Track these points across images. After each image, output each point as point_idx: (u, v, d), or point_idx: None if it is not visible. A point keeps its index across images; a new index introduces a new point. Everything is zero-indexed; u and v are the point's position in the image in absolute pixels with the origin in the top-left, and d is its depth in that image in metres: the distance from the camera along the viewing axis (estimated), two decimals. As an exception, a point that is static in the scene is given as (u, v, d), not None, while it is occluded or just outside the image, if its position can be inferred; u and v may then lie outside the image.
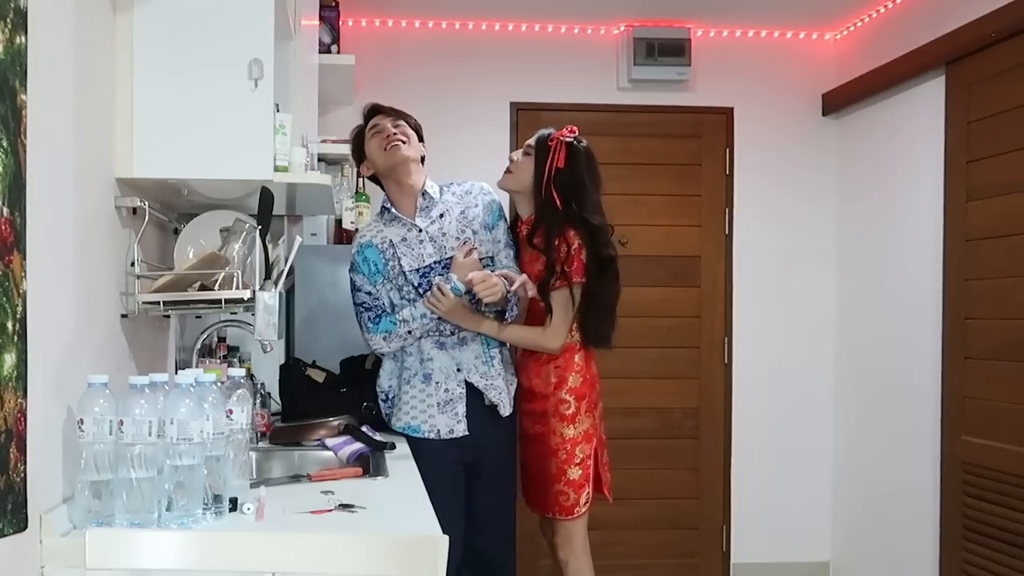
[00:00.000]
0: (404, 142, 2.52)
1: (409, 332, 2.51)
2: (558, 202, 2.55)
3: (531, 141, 2.67)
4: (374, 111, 2.60)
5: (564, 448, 2.61)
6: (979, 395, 3.16)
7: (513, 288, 2.47)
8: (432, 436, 2.52)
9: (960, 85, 3.28)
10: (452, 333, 2.53)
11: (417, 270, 2.53)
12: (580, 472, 2.61)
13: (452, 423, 2.52)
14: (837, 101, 4.06)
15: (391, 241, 2.55)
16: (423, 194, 2.56)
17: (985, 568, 3.10)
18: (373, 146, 2.56)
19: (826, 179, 4.17)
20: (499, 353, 2.61)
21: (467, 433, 2.52)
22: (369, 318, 2.55)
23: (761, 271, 4.14)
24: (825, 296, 4.17)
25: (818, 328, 4.16)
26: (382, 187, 2.65)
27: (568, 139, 2.61)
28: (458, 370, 2.53)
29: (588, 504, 2.64)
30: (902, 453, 3.59)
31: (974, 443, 3.17)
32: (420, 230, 2.54)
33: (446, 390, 2.52)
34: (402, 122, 2.57)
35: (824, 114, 4.16)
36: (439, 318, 2.49)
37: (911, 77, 3.54)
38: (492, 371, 2.57)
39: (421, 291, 2.51)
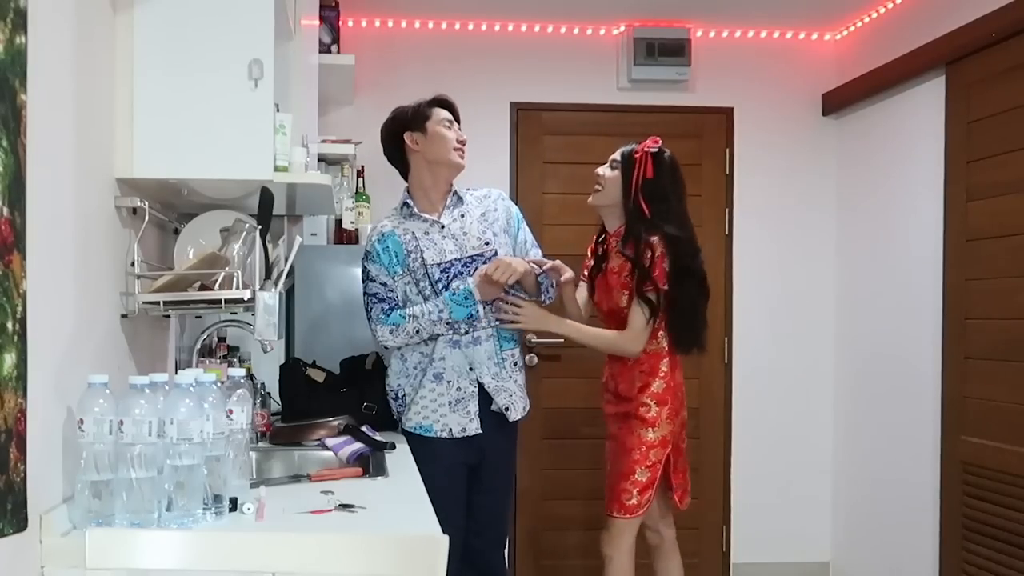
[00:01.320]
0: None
1: (417, 331, 2.51)
2: (646, 211, 2.64)
3: (616, 156, 2.74)
4: (451, 108, 2.66)
5: (639, 449, 2.68)
6: (979, 395, 3.16)
7: (544, 270, 2.60)
8: (444, 435, 2.53)
9: (960, 85, 3.28)
10: (466, 332, 2.54)
11: (438, 264, 2.55)
12: (648, 475, 2.68)
13: (464, 422, 2.54)
14: (837, 101, 4.06)
15: (414, 233, 2.57)
16: (454, 193, 2.63)
17: (985, 568, 3.10)
18: (445, 138, 2.58)
19: (826, 179, 4.17)
20: (511, 355, 2.62)
21: (480, 432, 2.55)
22: (382, 309, 2.56)
23: (761, 271, 4.14)
24: (825, 296, 4.17)
25: (818, 328, 4.16)
26: (402, 172, 2.67)
27: (653, 150, 2.68)
28: (470, 369, 2.55)
29: (646, 507, 2.70)
30: (902, 453, 3.59)
31: (974, 443, 3.17)
32: (443, 226, 2.58)
33: (458, 388, 2.54)
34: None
35: (824, 114, 4.16)
36: (450, 324, 2.51)
37: (911, 77, 3.54)
38: (503, 372, 2.58)
39: (439, 287, 2.54)
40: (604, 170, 2.76)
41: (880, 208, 3.81)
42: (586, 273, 2.90)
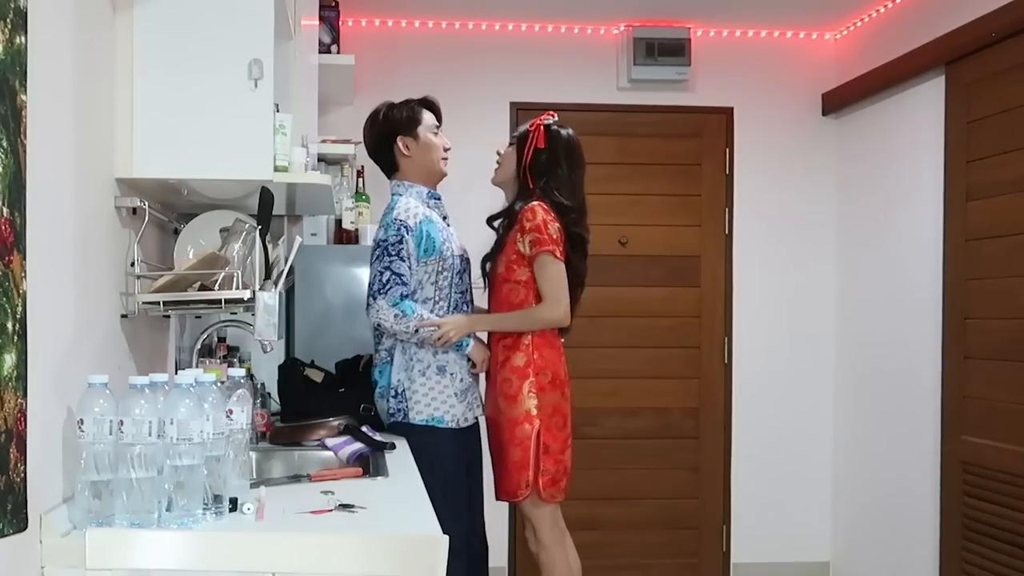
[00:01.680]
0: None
1: (416, 331, 2.51)
2: (530, 182, 2.62)
3: (516, 132, 2.75)
4: (438, 114, 2.70)
5: (507, 428, 2.59)
6: (979, 395, 3.16)
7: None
8: (454, 425, 2.59)
9: (960, 85, 3.28)
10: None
11: (460, 256, 2.66)
12: (520, 453, 2.57)
13: (467, 411, 2.63)
14: (837, 101, 4.06)
15: (442, 221, 2.65)
16: (439, 197, 2.71)
17: (985, 568, 3.10)
18: (435, 146, 2.65)
19: (826, 179, 4.17)
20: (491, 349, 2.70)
21: (476, 420, 2.66)
22: (400, 292, 2.49)
23: (761, 271, 4.14)
24: (825, 296, 4.17)
25: (818, 328, 4.16)
26: (386, 169, 2.71)
27: (547, 122, 2.68)
28: (467, 360, 2.64)
29: (530, 488, 2.57)
30: (902, 453, 3.59)
31: (974, 443, 3.17)
32: (448, 222, 2.70)
33: (461, 380, 2.61)
34: None
35: (824, 114, 4.16)
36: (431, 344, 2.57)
37: (911, 77, 3.54)
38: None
39: (459, 278, 2.65)
40: (502, 146, 2.77)
41: (880, 208, 3.81)
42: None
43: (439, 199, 2.69)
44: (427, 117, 2.66)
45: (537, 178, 2.63)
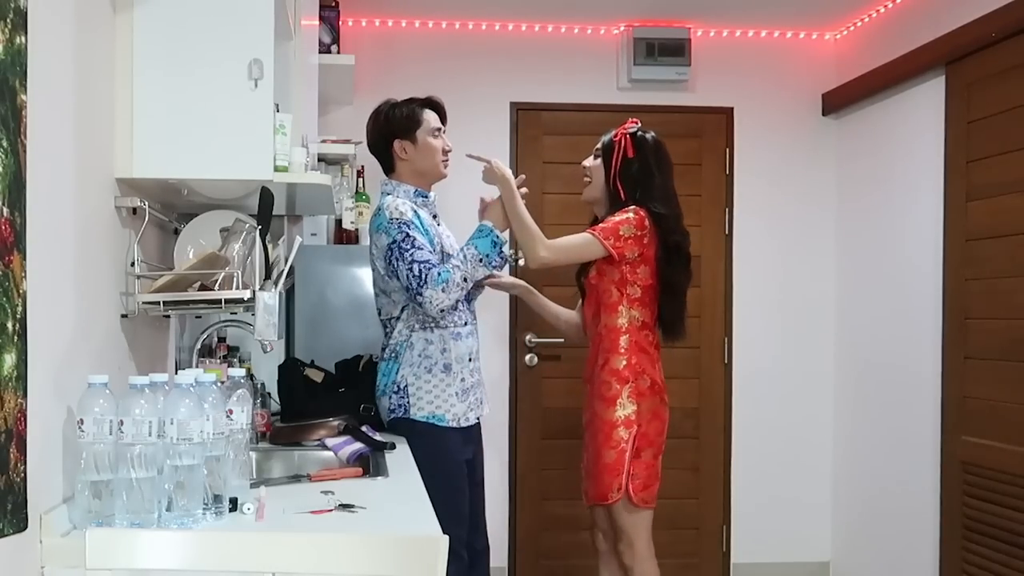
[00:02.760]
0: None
1: (464, 277, 2.48)
2: (622, 194, 2.61)
3: (598, 144, 2.73)
4: (441, 114, 2.67)
5: (602, 431, 2.59)
6: (979, 395, 3.16)
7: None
8: (454, 424, 2.57)
9: (960, 85, 3.28)
10: (465, 324, 2.61)
11: (451, 254, 2.61)
12: (614, 456, 2.57)
13: (467, 410, 2.61)
14: (837, 101, 4.06)
15: (431, 220, 2.64)
16: (427, 195, 2.68)
17: (985, 568, 3.10)
18: (434, 149, 2.62)
19: (826, 179, 4.17)
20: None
21: (477, 421, 2.65)
22: (436, 272, 2.45)
23: (761, 271, 4.14)
24: (825, 296, 4.17)
25: (818, 328, 4.16)
26: (385, 167, 2.70)
27: (631, 130, 2.66)
28: (470, 359, 2.62)
29: (621, 492, 2.57)
30: (902, 453, 3.59)
31: (974, 443, 3.17)
32: (438, 220, 2.70)
33: (462, 379, 2.59)
34: None
35: (824, 114, 4.16)
36: (483, 260, 2.51)
37: (911, 77, 3.54)
38: (479, 368, 2.68)
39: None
40: (589, 161, 2.76)
41: (880, 208, 3.81)
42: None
43: (427, 196, 2.66)
44: (428, 118, 2.63)
45: (630, 190, 2.62)
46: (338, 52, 3.55)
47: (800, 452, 4.16)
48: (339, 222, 3.47)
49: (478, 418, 2.67)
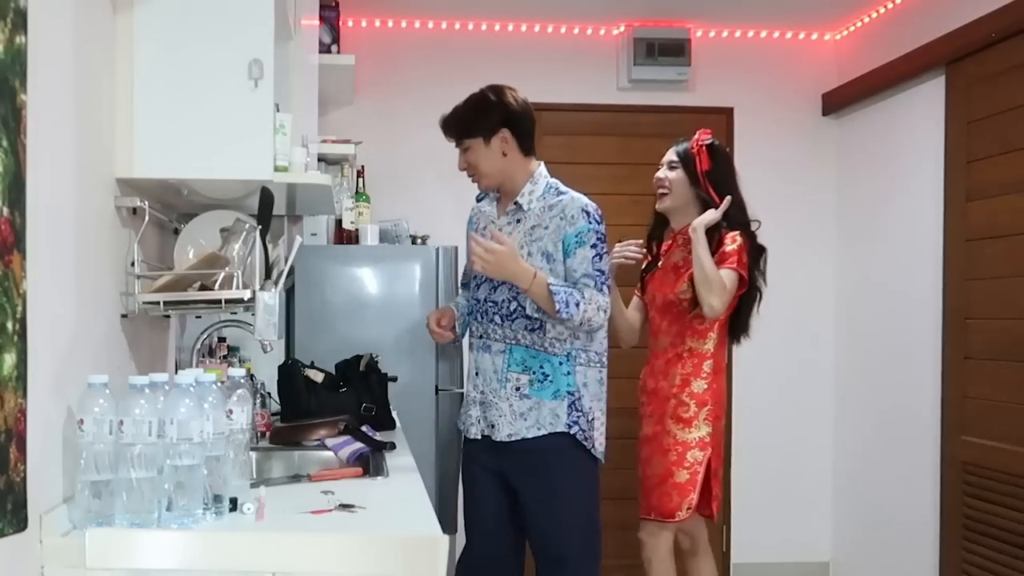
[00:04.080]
0: (471, 177, 2.53)
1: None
2: (716, 198, 2.67)
3: (672, 156, 2.77)
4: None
5: (675, 450, 2.67)
6: (979, 395, 3.16)
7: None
8: (466, 435, 2.59)
9: (960, 85, 3.28)
10: (480, 337, 2.53)
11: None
12: (687, 476, 2.64)
13: (461, 423, 2.61)
14: (837, 101, 4.06)
15: (481, 220, 2.58)
16: (515, 203, 2.50)
17: (985, 568, 3.10)
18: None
19: (826, 179, 4.17)
20: (515, 379, 2.46)
21: (478, 437, 2.52)
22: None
23: (761, 271, 4.14)
24: (825, 296, 4.17)
25: (818, 328, 4.16)
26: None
27: (707, 141, 2.73)
28: (476, 374, 2.55)
29: (690, 511, 2.66)
30: (902, 453, 3.59)
31: (974, 443, 3.17)
32: (480, 227, 2.56)
33: (481, 392, 2.52)
34: None
35: (824, 114, 4.16)
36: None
37: (911, 77, 3.54)
38: (503, 391, 2.46)
39: (468, 287, 2.65)
40: (664, 173, 2.79)
41: (880, 208, 3.81)
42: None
43: (489, 213, 2.58)
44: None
45: (721, 192, 2.68)
46: (338, 52, 3.55)
47: (800, 452, 4.16)
48: (339, 222, 3.47)
49: (479, 434, 2.51)
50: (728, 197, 2.65)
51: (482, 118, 2.45)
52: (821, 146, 4.17)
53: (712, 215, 2.63)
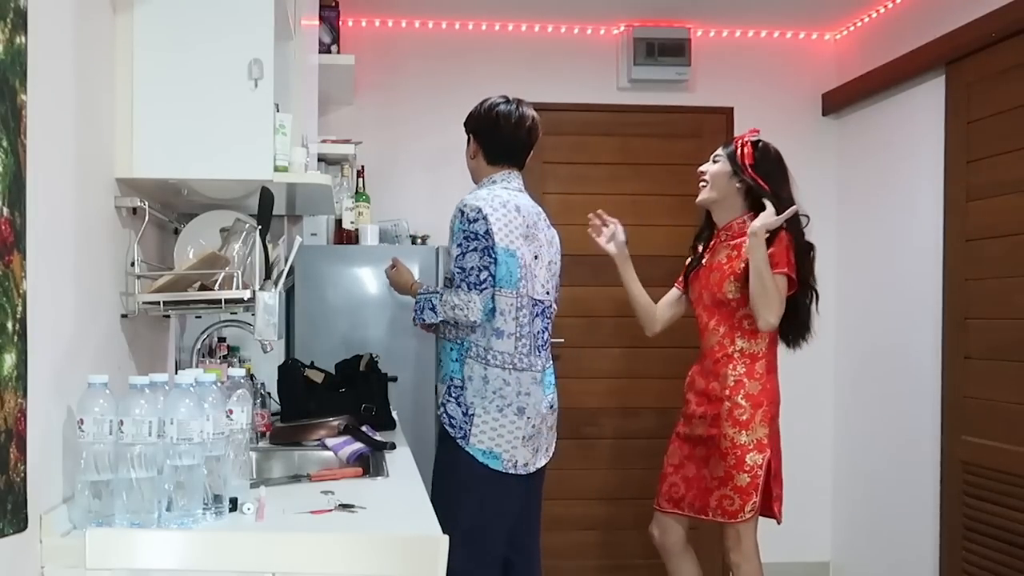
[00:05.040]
0: None
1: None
2: (763, 184, 2.65)
3: (718, 151, 2.79)
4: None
5: (734, 453, 2.64)
6: (979, 395, 3.16)
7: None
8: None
9: (960, 85, 3.28)
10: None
11: None
12: (748, 479, 2.63)
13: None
14: (837, 101, 4.06)
15: None
16: None
17: (985, 568, 3.10)
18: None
19: (826, 179, 4.17)
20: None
21: (540, 465, 2.62)
22: None
23: (761, 271, 4.14)
24: (825, 295, 4.13)
25: (818, 327, 4.15)
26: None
27: (752, 139, 2.73)
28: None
29: (754, 512, 2.65)
30: (902, 453, 3.59)
31: (974, 443, 3.17)
32: None
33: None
34: None
35: (824, 114, 4.16)
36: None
37: (911, 77, 3.54)
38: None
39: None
40: (707, 166, 2.80)
41: (880, 208, 3.81)
42: (680, 279, 2.94)
43: None
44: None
45: (768, 181, 2.66)
46: (338, 52, 3.55)
47: (800, 451, 4.15)
48: (339, 222, 3.47)
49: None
50: (794, 207, 2.60)
51: (468, 120, 2.69)
52: (821, 146, 4.17)
53: (772, 218, 2.56)
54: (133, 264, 1.94)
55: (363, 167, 3.63)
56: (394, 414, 2.86)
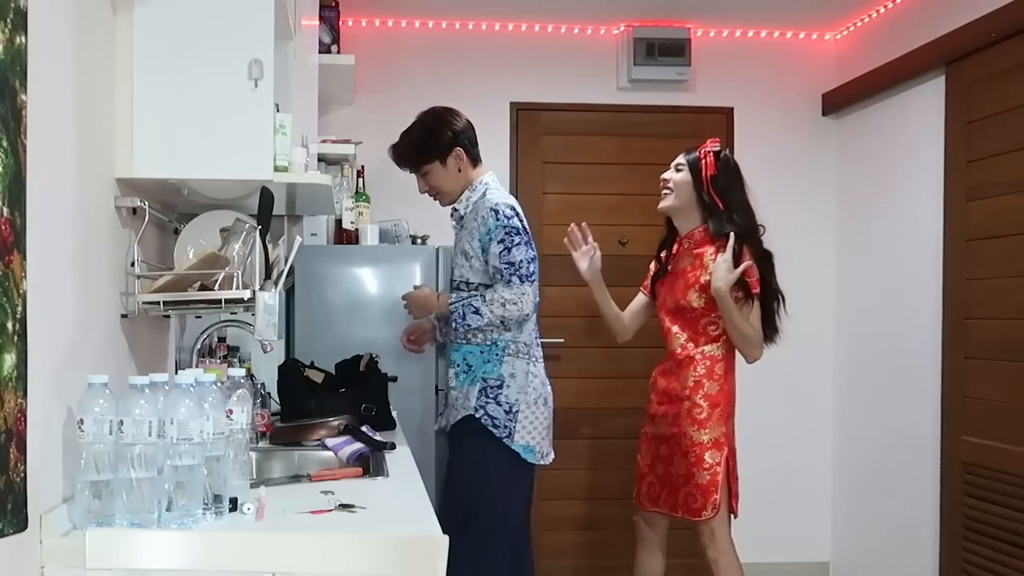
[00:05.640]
0: (433, 197, 2.75)
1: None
2: (720, 204, 2.75)
3: (680, 159, 2.84)
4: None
5: (693, 451, 2.73)
6: (979, 395, 3.16)
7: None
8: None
9: (960, 85, 3.28)
10: (450, 339, 2.70)
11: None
12: (708, 477, 2.72)
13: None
14: (837, 101, 4.06)
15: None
16: (454, 208, 2.74)
17: (985, 568, 3.10)
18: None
19: (826, 179, 4.17)
20: (453, 373, 2.71)
21: (438, 427, 2.81)
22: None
23: (761, 271, 4.14)
24: (825, 296, 4.17)
25: (818, 328, 4.16)
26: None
27: (714, 149, 2.80)
28: (448, 368, 2.73)
29: (717, 509, 2.72)
30: (902, 453, 3.59)
31: (974, 443, 3.17)
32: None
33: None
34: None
35: (824, 114, 4.16)
36: None
37: (911, 77, 3.54)
38: (450, 384, 2.74)
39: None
40: (670, 174, 2.86)
41: (880, 208, 3.81)
42: (647, 283, 3.03)
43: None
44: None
45: (724, 199, 2.75)
46: (338, 52, 3.55)
47: (800, 452, 4.16)
48: (339, 222, 3.47)
49: (439, 425, 2.83)
50: (749, 262, 2.67)
51: (435, 143, 2.65)
52: (821, 146, 4.17)
53: (730, 274, 2.64)
54: (133, 264, 1.94)
55: (363, 167, 3.63)
56: (394, 414, 2.86)
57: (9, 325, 1.29)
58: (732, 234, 2.68)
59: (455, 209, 2.72)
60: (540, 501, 3.99)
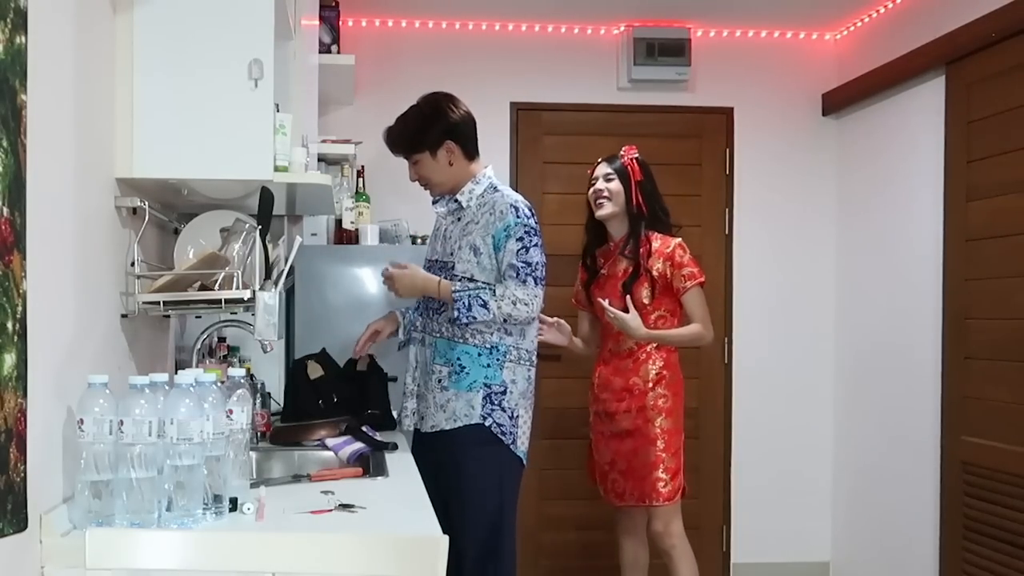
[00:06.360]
0: (424, 186, 2.66)
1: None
2: (646, 210, 2.97)
3: (608, 169, 3.00)
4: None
5: (663, 438, 2.91)
6: (979, 395, 3.16)
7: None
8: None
9: (960, 85, 3.28)
10: (428, 332, 2.62)
11: (427, 259, 2.71)
12: (675, 461, 2.92)
13: (403, 416, 2.69)
14: (837, 101, 4.06)
15: (439, 220, 2.71)
16: (455, 200, 2.61)
17: (985, 568, 3.10)
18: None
19: (826, 179, 4.17)
20: (440, 371, 2.59)
21: (410, 428, 2.69)
22: None
23: (761, 271, 4.14)
24: (825, 296, 4.17)
25: (818, 328, 4.16)
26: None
27: (635, 155, 3.01)
28: (414, 367, 2.69)
29: (681, 492, 2.93)
30: (902, 453, 3.59)
31: (974, 443, 3.17)
32: (436, 226, 2.71)
33: (417, 384, 2.66)
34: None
35: (824, 114, 4.16)
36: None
37: (911, 77, 3.54)
38: (430, 383, 2.65)
39: None
40: (603, 184, 2.99)
41: (880, 208, 3.81)
42: (579, 294, 3.16)
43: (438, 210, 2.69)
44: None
45: (651, 205, 2.97)
46: (338, 52, 3.55)
47: (800, 452, 4.16)
48: (339, 222, 3.47)
49: (412, 425, 2.63)
50: (621, 314, 2.87)
51: (426, 133, 2.55)
52: (821, 146, 4.17)
53: (633, 320, 2.85)
54: (133, 264, 1.94)
55: (363, 167, 3.63)
56: (394, 414, 2.86)
57: (9, 325, 1.29)
58: (606, 301, 2.88)
59: (456, 200, 2.58)
60: (540, 501, 4.00)
